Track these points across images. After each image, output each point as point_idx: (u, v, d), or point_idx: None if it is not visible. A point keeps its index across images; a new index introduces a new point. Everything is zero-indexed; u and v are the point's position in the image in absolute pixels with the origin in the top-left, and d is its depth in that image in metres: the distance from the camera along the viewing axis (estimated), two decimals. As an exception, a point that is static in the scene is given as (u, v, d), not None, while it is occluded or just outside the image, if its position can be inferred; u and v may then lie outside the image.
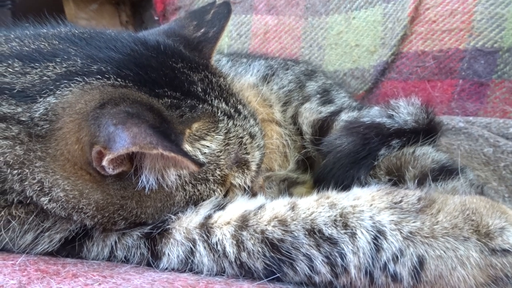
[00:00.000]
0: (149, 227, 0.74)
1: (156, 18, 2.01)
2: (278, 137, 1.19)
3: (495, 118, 1.48)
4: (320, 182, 0.98)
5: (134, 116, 0.62)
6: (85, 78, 0.69)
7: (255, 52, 1.79)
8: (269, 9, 1.87)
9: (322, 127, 1.16)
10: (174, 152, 0.61)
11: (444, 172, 0.92)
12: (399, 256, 0.60)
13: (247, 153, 0.82)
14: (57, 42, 0.75)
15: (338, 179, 0.96)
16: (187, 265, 0.71)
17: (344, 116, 1.15)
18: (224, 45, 1.89)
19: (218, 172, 0.77)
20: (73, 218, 0.69)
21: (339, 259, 0.62)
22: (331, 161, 1.01)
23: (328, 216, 0.64)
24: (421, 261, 0.60)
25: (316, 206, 0.67)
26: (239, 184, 0.81)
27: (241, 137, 0.81)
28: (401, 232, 0.61)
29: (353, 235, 0.62)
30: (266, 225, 0.67)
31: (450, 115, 1.57)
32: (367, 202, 0.65)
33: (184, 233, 0.71)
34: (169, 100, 0.73)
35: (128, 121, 0.61)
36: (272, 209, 0.69)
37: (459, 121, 1.47)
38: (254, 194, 0.86)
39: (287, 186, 1.14)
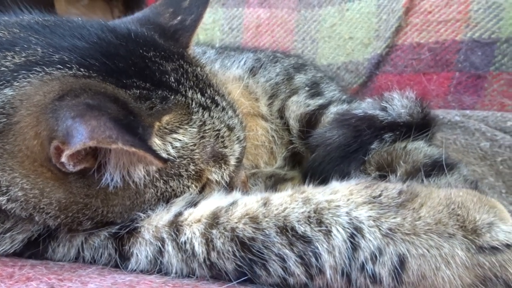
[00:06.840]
0: (117, 226, 0.69)
1: (147, 13, 1.97)
2: (264, 132, 1.14)
3: (492, 111, 1.44)
4: (309, 177, 0.94)
5: (94, 108, 0.58)
6: (45, 68, 0.65)
7: (247, 46, 1.74)
8: (261, 2, 1.83)
9: (310, 121, 1.11)
10: (135, 147, 0.56)
11: (438, 168, 0.88)
12: (377, 256, 0.56)
13: (225, 147, 0.77)
14: (17, 30, 0.70)
15: (328, 173, 0.92)
16: (156, 266, 0.66)
17: (333, 109, 1.11)
18: (216, 39, 1.85)
19: (193, 167, 0.73)
20: (34, 218, 0.65)
21: (313, 259, 0.58)
22: (320, 155, 0.97)
23: (302, 212, 0.60)
24: (402, 261, 0.55)
25: (289, 201, 0.62)
26: (217, 180, 0.77)
27: (218, 130, 0.76)
28: (380, 229, 0.56)
29: (328, 233, 0.57)
30: (236, 222, 0.62)
31: (446, 109, 1.53)
32: (344, 196, 0.60)
33: (153, 231, 0.67)
34: (138, 91, 0.68)
35: (87, 114, 0.56)
36: (244, 205, 0.65)
37: (455, 115, 1.43)
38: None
39: (274, 183, 1.09)
